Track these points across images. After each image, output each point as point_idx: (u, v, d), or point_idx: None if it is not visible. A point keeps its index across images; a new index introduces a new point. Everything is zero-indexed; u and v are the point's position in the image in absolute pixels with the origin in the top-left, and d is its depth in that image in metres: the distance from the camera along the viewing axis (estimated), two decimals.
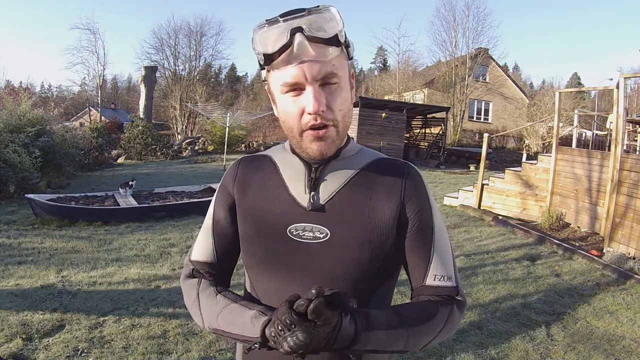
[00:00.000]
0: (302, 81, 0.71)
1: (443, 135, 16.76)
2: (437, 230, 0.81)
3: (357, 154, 0.84)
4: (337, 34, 0.69)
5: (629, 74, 11.35)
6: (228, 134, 14.04)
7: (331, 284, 0.74)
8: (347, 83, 0.76)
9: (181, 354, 2.61)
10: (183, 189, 8.21)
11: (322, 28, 0.69)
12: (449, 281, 0.80)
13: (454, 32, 23.58)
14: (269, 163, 0.86)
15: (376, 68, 45.32)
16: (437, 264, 0.80)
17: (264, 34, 0.71)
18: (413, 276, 0.82)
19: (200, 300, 0.83)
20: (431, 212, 0.81)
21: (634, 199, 4.88)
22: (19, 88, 20.04)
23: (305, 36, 0.68)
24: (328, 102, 0.72)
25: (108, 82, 39.82)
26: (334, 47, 0.70)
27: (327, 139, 0.75)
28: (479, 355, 2.71)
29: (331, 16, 0.70)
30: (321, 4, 0.71)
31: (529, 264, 4.61)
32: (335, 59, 0.72)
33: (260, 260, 0.82)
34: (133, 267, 4.22)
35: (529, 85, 41.41)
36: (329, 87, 0.72)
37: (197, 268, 0.88)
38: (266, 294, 0.81)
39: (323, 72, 0.70)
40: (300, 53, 0.69)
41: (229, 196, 0.87)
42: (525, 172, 7.20)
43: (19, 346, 2.61)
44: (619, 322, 3.27)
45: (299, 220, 0.78)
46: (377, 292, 0.82)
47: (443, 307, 0.78)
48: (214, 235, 0.88)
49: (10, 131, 8.10)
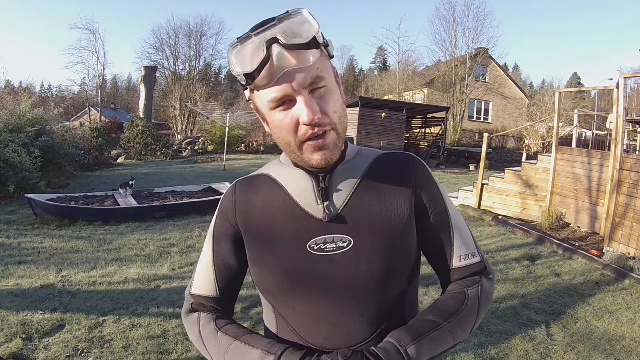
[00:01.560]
0: (290, 93, 0.67)
1: (443, 135, 16.77)
2: (452, 212, 0.81)
3: (358, 155, 0.82)
4: (314, 36, 0.65)
5: (629, 74, 11.35)
6: (228, 134, 14.05)
7: (365, 293, 0.75)
8: (334, 83, 0.73)
9: (181, 354, 2.61)
10: (183, 189, 8.21)
11: (298, 34, 0.65)
12: (474, 258, 0.81)
13: (454, 32, 23.62)
14: (268, 182, 0.81)
15: (376, 68, 45.34)
16: (460, 245, 0.80)
17: (239, 53, 0.67)
18: (439, 262, 0.82)
19: (204, 340, 0.80)
20: (442, 197, 0.81)
21: (634, 199, 4.88)
22: (19, 88, 20.04)
23: (282, 45, 0.64)
24: (322, 107, 0.69)
25: (108, 82, 39.86)
26: (314, 50, 0.66)
27: (329, 145, 0.71)
28: (479, 355, 2.71)
29: (303, 19, 0.66)
30: (290, 9, 0.67)
31: (529, 264, 4.60)
32: (318, 61, 0.68)
33: (279, 283, 0.77)
34: (133, 267, 4.22)
35: (529, 85, 41.42)
36: (319, 91, 0.69)
37: (198, 302, 0.84)
38: (300, 320, 0.77)
39: (309, 79, 0.67)
40: (281, 64, 0.65)
41: (231, 227, 0.82)
42: (525, 172, 7.20)
43: (19, 346, 2.61)
44: (619, 322, 3.27)
45: (318, 233, 0.75)
46: (408, 293, 0.80)
47: (470, 289, 0.79)
48: (215, 268, 0.84)
49: (10, 131, 8.10)
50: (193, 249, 4.89)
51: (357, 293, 0.75)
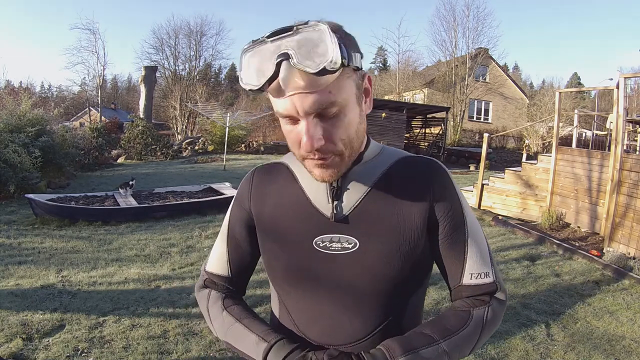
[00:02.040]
0: (294, 114, 0.64)
1: (443, 135, 16.78)
2: (470, 226, 0.77)
3: (379, 155, 0.79)
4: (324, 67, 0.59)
5: (629, 74, 11.35)
6: (228, 134, 14.04)
7: (365, 295, 0.75)
8: (352, 103, 0.67)
9: (181, 354, 2.61)
10: (183, 189, 8.21)
11: (310, 55, 0.59)
12: (486, 278, 0.76)
13: (454, 32, 23.60)
14: (285, 172, 0.82)
15: (376, 68, 45.29)
16: (473, 262, 0.76)
17: (250, 58, 0.63)
18: (450, 277, 0.78)
19: (210, 315, 0.84)
20: (462, 208, 0.77)
21: (634, 199, 4.88)
22: (19, 88, 20.05)
23: (292, 64, 0.59)
24: (328, 133, 0.65)
25: (108, 82, 39.84)
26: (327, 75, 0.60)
27: (330, 167, 0.69)
28: (479, 355, 2.71)
29: (321, 37, 0.60)
30: (312, 20, 0.61)
31: (529, 264, 4.60)
32: (333, 84, 0.62)
33: (285, 274, 0.79)
34: (133, 267, 4.22)
35: (529, 85, 41.41)
36: (328, 115, 0.65)
37: (211, 279, 0.87)
38: (299, 312, 0.79)
39: (317, 105, 0.63)
40: (288, 86, 0.61)
41: (246, 212, 0.84)
42: (525, 172, 7.20)
43: (19, 346, 2.61)
44: (619, 322, 3.27)
45: (325, 231, 0.75)
46: (410, 301, 0.79)
47: (477, 309, 0.75)
48: (229, 250, 0.86)
49: (10, 131, 8.10)
50: (193, 249, 4.89)
51: (356, 294, 0.75)
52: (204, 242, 5.13)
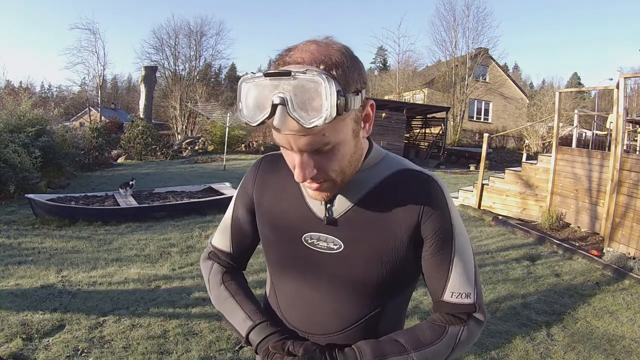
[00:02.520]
0: (288, 148, 0.67)
1: (443, 135, 16.78)
2: (458, 246, 0.78)
3: (379, 163, 0.80)
4: (316, 125, 0.60)
5: (629, 74, 11.35)
6: (228, 134, 14.04)
7: (343, 295, 0.79)
8: (348, 139, 0.68)
9: (181, 354, 2.61)
10: (183, 189, 8.21)
11: (305, 107, 0.60)
12: (466, 298, 0.77)
13: (454, 32, 23.62)
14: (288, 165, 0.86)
15: (376, 68, 45.28)
16: (456, 281, 0.77)
17: (249, 91, 0.64)
18: (431, 291, 0.81)
19: (210, 285, 0.93)
20: (452, 229, 0.77)
21: (634, 199, 4.88)
22: (19, 88, 20.03)
23: (287, 112, 0.60)
24: (320, 165, 0.68)
25: (108, 82, 39.86)
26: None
27: (323, 190, 0.73)
28: (479, 355, 2.71)
29: (316, 90, 0.59)
30: (309, 68, 0.61)
31: (529, 264, 4.60)
32: (327, 127, 0.63)
33: (277, 262, 0.86)
34: (133, 267, 4.22)
35: (529, 85, 41.40)
36: (322, 150, 0.67)
37: (215, 252, 0.95)
38: (283, 296, 0.86)
39: (310, 146, 0.65)
40: (282, 128, 0.63)
41: (249, 197, 0.90)
42: (525, 172, 7.20)
43: (19, 346, 2.61)
44: (619, 322, 3.27)
45: (315, 229, 0.79)
46: (388, 306, 0.82)
47: (453, 326, 0.78)
48: (232, 230, 0.93)
49: (10, 131, 8.09)
50: (193, 249, 4.89)
51: (336, 292, 0.80)
52: (204, 242, 5.12)
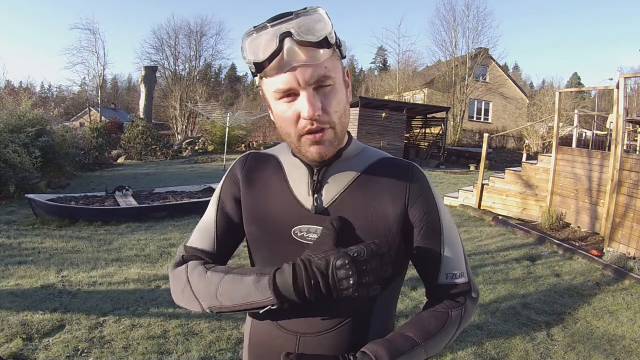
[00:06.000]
0: (295, 87, 0.70)
1: (443, 135, 16.76)
2: (446, 228, 0.81)
3: (360, 154, 0.83)
4: (326, 36, 0.68)
5: (629, 74, 11.35)
6: (228, 134, 14.05)
7: None
8: (341, 83, 0.75)
9: (181, 354, 2.61)
10: (183, 189, 8.21)
11: (311, 31, 0.68)
12: (461, 277, 0.81)
13: (454, 32, 23.62)
14: (274, 163, 0.86)
15: (376, 68, 45.34)
16: (448, 263, 0.80)
17: (252, 41, 0.70)
18: (425, 276, 0.83)
19: (192, 284, 0.78)
20: (438, 212, 0.80)
21: (634, 199, 4.88)
22: (19, 88, 20.04)
23: (294, 41, 0.67)
24: (323, 105, 0.71)
25: (108, 82, 39.82)
26: (325, 49, 0.69)
27: (325, 141, 0.74)
28: (479, 355, 2.71)
29: (319, 17, 0.69)
30: (309, 6, 0.70)
31: (529, 264, 4.60)
32: (328, 60, 0.71)
33: (265, 259, 0.83)
34: (133, 267, 4.22)
35: (529, 85, 41.32)
36: (323, 89, 0.72)
37: (191, 254, 0.85)
38: None
39: (316, 76, 0.69)
40: (290, 59, 0.68)
41: (236, 185, 0.86)
42: (525, 172, 7.20)
43: (19, 346, 2.61)
44: (619, 322, 3.27)
45: (303, 221, 0.79)
46: (379, 300, 0.82)
47: (454, 310, 0.80)
48: (217, 223, 0.86)
49: (10, 131, 8.10)
50: None
51: None
52: None
